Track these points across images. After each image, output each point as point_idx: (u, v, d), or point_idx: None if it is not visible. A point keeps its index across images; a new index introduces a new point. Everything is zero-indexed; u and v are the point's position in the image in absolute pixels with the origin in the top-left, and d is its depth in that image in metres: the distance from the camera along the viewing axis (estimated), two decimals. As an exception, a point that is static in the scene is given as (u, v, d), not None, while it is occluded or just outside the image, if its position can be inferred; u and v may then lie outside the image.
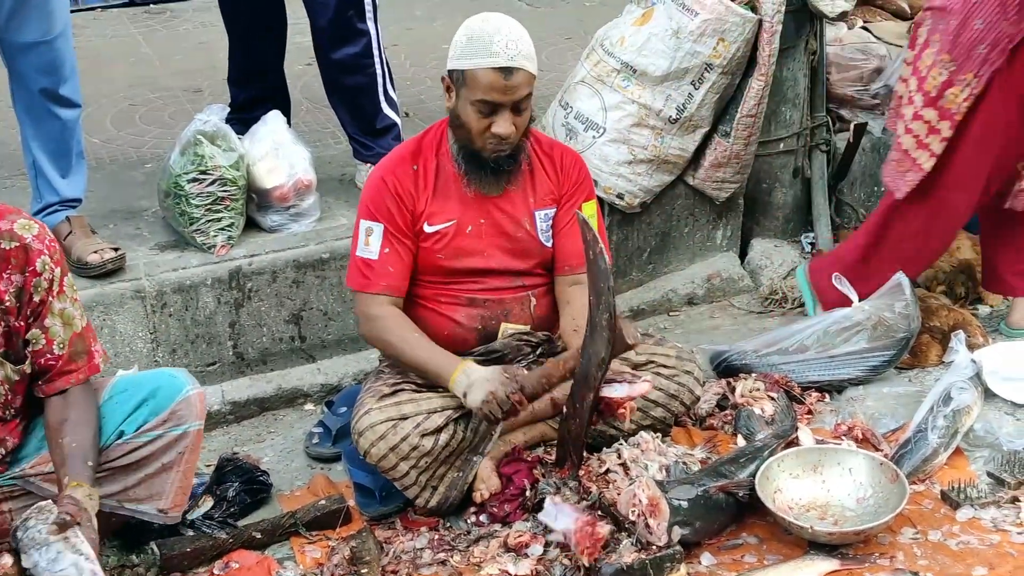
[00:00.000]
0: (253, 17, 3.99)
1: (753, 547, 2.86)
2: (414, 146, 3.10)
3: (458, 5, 6.57)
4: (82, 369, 2.64)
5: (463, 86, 2.91)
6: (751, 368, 3.56)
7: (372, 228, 3.03)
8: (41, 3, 3.35)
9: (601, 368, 2.81)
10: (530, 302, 3.16)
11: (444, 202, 3.06)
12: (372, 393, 3.02)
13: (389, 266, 3.03)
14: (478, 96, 2.89)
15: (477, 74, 2.88)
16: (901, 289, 3.57)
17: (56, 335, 2.58)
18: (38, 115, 3.49)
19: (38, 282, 2.52)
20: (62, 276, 2.58)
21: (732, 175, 4.13)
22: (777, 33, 3.90)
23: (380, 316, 3.03)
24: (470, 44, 2.90)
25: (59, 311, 2.58)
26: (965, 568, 2.73)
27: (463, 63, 2.90)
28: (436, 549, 2.89)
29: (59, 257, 2.58)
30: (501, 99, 2.89)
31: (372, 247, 3.03)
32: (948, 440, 3.12)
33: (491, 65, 2.87)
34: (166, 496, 2.72)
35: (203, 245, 3.64)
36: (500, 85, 2.87)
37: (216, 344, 3.65)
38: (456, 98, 2.95)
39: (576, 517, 2.74)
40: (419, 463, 2.93)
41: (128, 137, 4.73)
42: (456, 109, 2.96)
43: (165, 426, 2.65)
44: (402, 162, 3.07)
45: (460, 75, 2.91)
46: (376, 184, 3.07)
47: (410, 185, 3.04)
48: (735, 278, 4.31)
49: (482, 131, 2.93)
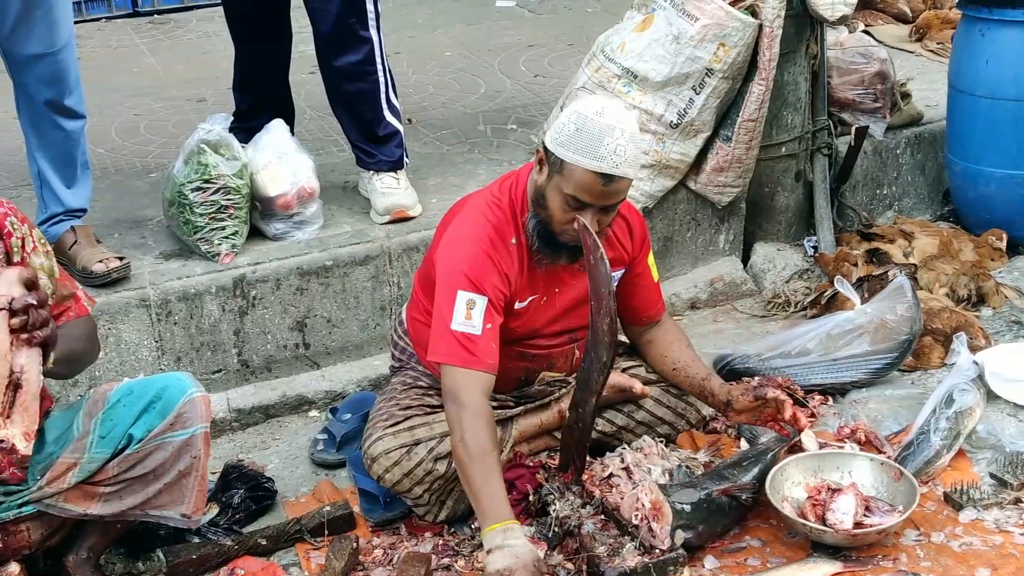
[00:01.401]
0: (258, 26, 4.00)
1: (756, 550, 2.86)
2: (505, 211, 2.93)
3: (459, 14, 6.61)
4: (72, 308, 2.68)
5: (558, 173, 2.78)
6: (754, 372, 3.56)
7: (475, 301, 2.82)
8: (45, 15, 3.36)
9: (603, 373, 2.81)
10: (573, 354, 3.16)
11: (528, 277, 2.97)
12: (383, 416, 3.01)
13: (492, 342, 2.84)
14: (571, 191, 2.76)
15: (576, 172, 2.74)
16: (903, 291, 3.58)
17: (45, 287, 2.58)
18: (43, 126, 3.50)
19: (13, 242, 2.56)
20: (30, 231, 2.63)
21: (734, 179, 4.14)
22: (777, 37, 3.91)
23: (471, 409, 2.76)
24: (577, 136, 2.74)
25: (39, 266, 2.61)
26: (968, 570, 2.73)
27: (565, 153, 2.75)
28: (441, 554, 2.90)
29: (22, 215, 2.64)
30: (594, 202, 2.78)
31: (475, 322, 2.81)
32: (951, 442, 3.13)
33: (593, 168, 2.73)
34: (188, 501, 2.73)
35: (207, 253, 3.66)
36: (597, 190, 2.75)
37: (221, 352, 3.67)
38: (547, 178, 2.82)
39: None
40: (433, 486, 2.95)
41: (132, 147, 4.75)
42: (544, 189, 2.82)
43: (173, 429, 2.65)
44: (501, 230, 2.91)
45: (558, 162, 2.77)
46: (479, 253, 2.87)
47: (513, 263, 2.91)
48: (738, 282, 4.32)
49: (563, 222, 2.82)
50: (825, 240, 4.37)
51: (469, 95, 5.25)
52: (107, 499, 2.66)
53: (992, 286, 4.04)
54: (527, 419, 3.15)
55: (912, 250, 4.25)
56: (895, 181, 4.73)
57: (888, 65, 4.54)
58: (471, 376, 2.80)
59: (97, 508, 2.67)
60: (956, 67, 4.41)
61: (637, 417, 3.22)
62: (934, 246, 4.25)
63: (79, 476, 2.63)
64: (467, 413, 2.75)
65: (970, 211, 4.54)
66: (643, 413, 3.23)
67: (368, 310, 3.80)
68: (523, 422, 3.14)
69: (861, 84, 4.50)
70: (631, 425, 3.22)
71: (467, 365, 2.81)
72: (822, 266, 4.28)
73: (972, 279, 4.03)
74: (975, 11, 4.26)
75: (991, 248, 4.30)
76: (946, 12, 5.82)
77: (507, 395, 3.12)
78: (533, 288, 3.01)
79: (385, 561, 2.90)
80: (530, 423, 3.16)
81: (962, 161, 4.44)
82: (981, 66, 4.26)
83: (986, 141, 4.32)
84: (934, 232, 4.39)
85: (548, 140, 2.82)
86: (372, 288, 3.78)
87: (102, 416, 2.65)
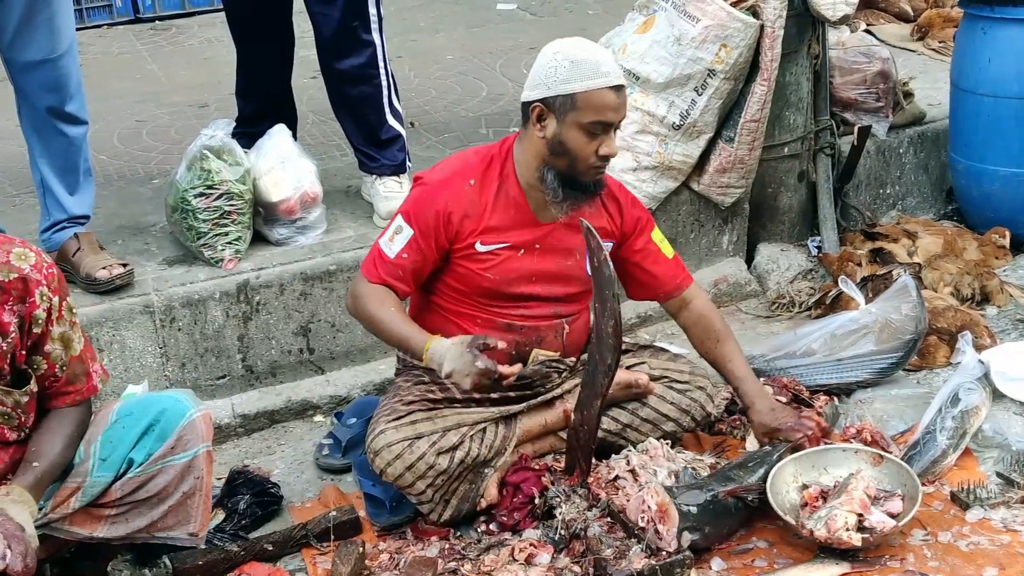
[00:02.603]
0: (259, 29, 4.00)
1: (763, 551, 2.86)
2: (476, 160, 3.05)
3: (461, 17, 6.62)
4: (79, 391, 2.61)
5: (571, 110, 2.85)
6: (759, 372, 3.55)
7: (402, 228, 3.00)
8: (47, 21, 3.37)
9: (607, 375, 2.82)
10: (563, 330, 3.15)
11: (500, 223, 3.02)
12: (387, 412, 3.02)
13: (400, 269, 3.00)
14: (591, 118, 2.85)
15: (592, 96, 2.84)
16: (907, 291, 3.58)
17: (57, 359, 2.55)
18: (45, 133, 3.50)
19: (37, 314, 2.48)
20: (60, 303, 2.54)
21: (737, 180, 4.13)
22: (779, 38, 3.91)
23: (364, 294, 3.01)
24: (576, 67, 2.85)
25: (58, 335, 2.54)
26: (976, 569, 2.72)
27: (572, 86, 2.84)
28: (447, 558, 2.90)
29: (57, 285, 2.53)
30: (615, 118, 2.88)
31: (394, 246, 2.99)
32: (957, 441, 3.12)
33: (606, 84, 2.85)
34: (194, 520, 2.72)
35: (211, 259, 3.66)
36: (615, 103, 2.87)
37: (225, 357, 3.67)
38: (558, 124, 2.88)
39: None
40: (435, 481, 2.94)
41: (135, 153, 4.75)
42: (559, 136, 2.89)
43: (174, 452, 2.63)
44: (460, 176, 3.02)
45: (568, 100, 2.85)
46: (428, 193, 3.01)
47: (464, 202, 2.99)
48: (742, 283, 4.32)
49: (590, 155, 2.90)
50: (829, 240, 4.36)
51: (471, 98, 5.25)
52: (113, 521, 2.66)
53: (996, 285, 4.04)
54: (531, 418, 3.15)
55: (916, 249, 4.24)
56: (898, 180, 4.73)
57: (890, 64, 4.54)
58: (367, 285, 3.01)
59: (103, 531, 2.66)
60: (958, 66, 4.41)
61: (641, 414, 3.22)
62: (938, 245, 4.25)
63: (82, 500, 2.61)
64: (364, 299, 3.01)
65: (974, 210, 4.54)
66: (647, 410, 3.22)
67: (372, 314, 3.80)
68: (527, 421, 3.14)
69: (863, 83, 4.49)
70: (636, 423, 3.22)
71: (366, 274, 3.03)
72: (826, 266, 4.28)
73: (976, 278, 4.03)
74: (977, 9, 4.26)
75: (995, 246, 4.29)
76: (948, 11, 5.82)
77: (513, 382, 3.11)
78: (505, 236, 3.03)
79: (391, 566, 2.90)
80: (534, 422, 3.16)
81: (965, 160, 4.44)
82: (983, 64, 4.26)
83: (989, 139, 4.32)
84: (938, 231, 4.39)
85: (540, 92, 2.90)
86: (376, 292, 3.78)
87: (101, 439, 2.63)
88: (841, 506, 2.78)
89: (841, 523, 2.75)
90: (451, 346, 2.85)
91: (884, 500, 2.86)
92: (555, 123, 2.89)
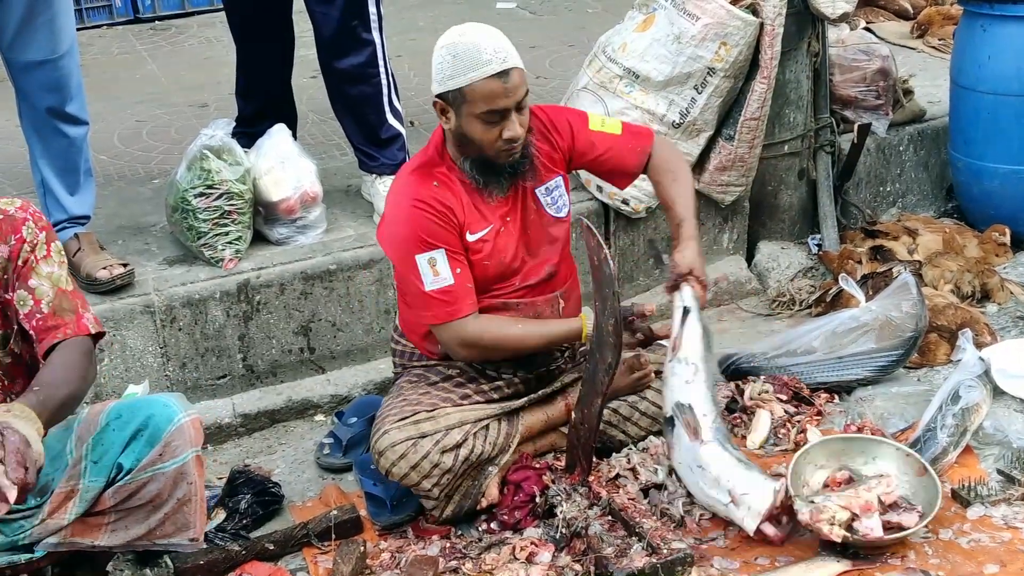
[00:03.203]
0: (260, 28, 4.01)
1: (765, 548, 2.85)
2: (419, 172, 3.02)
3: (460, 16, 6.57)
4: (70, 324, 2.54)
5: (463, 103, 2.86)
6: (760, 371, 3.57)
7: (435, 258, 2.93)
8: (47, 22, 3.37)
9: (608, 374, 2.82)
10: (559, 304, 3.16)
11: (475, 210, 3.02)
12: (391, 412, 3.01)
13: (467, 283, 2.96)
14: (482, 108, 2.85)
15: (476, 88, 2.83)
16: (908, 288, 3.58)
17: (44, 295, 2.52)
18: (45, 133, 3.51)
19: (24, 248, 2.51)
20: (48, 241, 2.56)
21: (737, 178, 4.14)
22: (779, 36, 3.91)
23: (482, 331, 2.99)
24: (458, 61, 2.84)
25: (46, 273, 2.54)
26: (977, 566, 2.72)
27: (457, 81, 2.84)
28: (448, 557, 2.90)
29: (45, 224, 2.57)
30: (506, 104, 2.86)
31: (443, 274, 2.93)
32: (958, 438, 3.12)
33: (488, 74, 2.82)
34: (193, 526, 2.69)
35: (211, 259, 3.66)
36: (501, 90, 2.84)
37: (226, 357, 3.67)
38: (457, 117, 2.90)
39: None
40: (441, 480, 2.94)
41: (135, 153, 4.75)
42: (461, 128, 2.91)
43: (163, 459, 2.60)
44: (420, 183, 2.99)
45: (457, 94, 2.86)
46: (412, 214, 2.95)
47: (444, 199, 2.97)
48: (742, 281, 4.32)
49: (493, 141, 2.90)
50: (829, 238, 4.37)
51: (471, 97, 5.24)
52: (113, 528, 2.65)
53: (997, 282, 4.03)
54: (533, 414, 3.16)
55: (916, 247, 4.24)
56: (898, 178, 4.73)
57: (890, 62, 4.54)
58: (464, 322, 2.97)
59: (105, 539, 2.65)
60: (958, 63, 4.40)
61: (641, 408, 3.22)
62: (938, 243, 4.25)
63: (80, 507, 2.60)
64: (487, 335, 2.99)
65: (974, 207, 4.54)
66: (647, 404, 3.22)
67: (372, 313, 3.80)
68: (529, 417, 3.15)
69: (863, 81, 4.49)
70: (635, 416, 3.22)
71: (452, 318, 2.96)
72: (826, 264, 4.28)
73: (977, 275, 4.02)
74: (976, 7, 4.26)
75: (995, 244, 4.29)
76: (947, 8, 5.81)
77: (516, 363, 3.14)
78: (484, 219, 3.03)
79: (392, 565, 2.90)
80: (536, 418, 3.16)
81: (965, 157, 4.44)
82: (983, 62, 4.26)
83: (989, 137, 4.32)
84: (938, 229, 4.39)
85: (436, 88, 2.91)
86: (376, 291, 3.79)
87: (92, 441, 2.61)
88: (840, 499, 2.78)
89: (828, 515, 2.74)
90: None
91: (901, 511, 2.82)
92: (455, 117, 2.91)
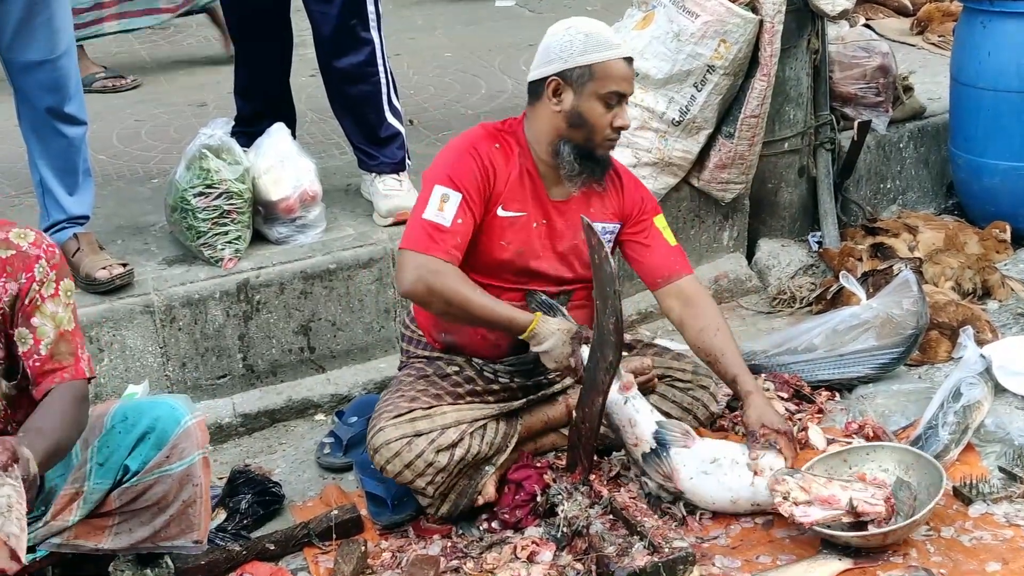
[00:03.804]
0: (258, 27, 4.00)
1: (766, 547, 2.85)
2: (490, 129, 3.07)
3: (457, 15, 6.61)
4: (67, 368, 2.50)
5: (589, 81, 2.93)
6: (761, 368, 3.56)
7: (449, 196, 2.92)
8: (46, 22, 3.36)
9: (609, 372, 2.81)
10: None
11: (518, 192, 3.03)
12: (387, 408, 3.00)
13: (459, 236, 2.93)
14: (610, 88, 2.94)
15: (609, 66, 2.94)
16: (909, 286, 3.57)
17: (44, 335, 2.49)
18: (44, 133, 3.50)
19: (33, 286, 2.47)
20: (58, 279, 2.52)
21: (737, 176, 4.13)
22: (778, 33, 3.91)
23: (444, 271, 2.89)
24: (591, 40, 2.95)
25: (50, 313, 2.50)
26: (978, 564, 2.72)
27: (590, 58, 2.93)
28: (449, 557, 2.89)
29: (57, 262, 2.52)
30: (628, 88, 2.99)
31: (446, 214, 2.91)
32: (959, 436, 3.12)
33: (621, 55, 2.97)
34: (197, 528, 2.69)
35: (210, 259, 3.65)
36: (628, 74, 2.98)
37: (226, 357, 3.67)
38: (576, 96, 2.95)
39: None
40: (435, 479, 2.93)
41: (134, 153, 4.75)
42: (577, 108, 2.96)
43: (169, 461, 2.60)
44: (486, 139, 3.03)
45: (586, 71, 2.93)
46: (461, 153, 2.99)
47: (496, 161, 3.00)
48: (742, 279, 4.31)
49: (606, 126, 2.98)
50: (829, 235, 4.36)
51: (470, 96, 5.24)
52: (117, 531, 2.64)
53: (998, 279, 4.03)
54: (533, 415, 3.16)
55: (917, 244, 4.24)
56: (899, 175, 4.72)
57: (890, 59, 4.54)
58: (438, 262, 2.89)
59: (108, 542, 2.64)
60: (958, 60, 4.40)
61: None
62: (939, 240, 4.25)
63: (84, 508, 2.59)
64: (443, 276, 2.88)
65: (974, 204, 4.53)
66: None
67: (372, 313, 3.80)
68: (528, 418, 3.14)
69: (863, 78, 4.49)
70: None
71: (428, 250, 2.89)
72: (827, 261, 4.27)
73: (977, 272, 4.02)
74: (976, 3, 4.26)
75: (996, 241, 4.29)
76: (947, 5, 5.81)
77: (504, 363, 3.12)
78: (523, 204, 3.04)
79: (393, 564, 2.90)
80: (536, 419, 3.16)
81: (965, 154, 4.44)
82: (983, 58, 4.25)
83: (989, 133, 4.32)
84: (939, 226, 4.39)
85: (556, 66, 2.96)
86: (376, 291, 3.78)
87: (97, 443, 2.61)
88: (805, 481, 2.75)
89: (784, 489, 2.74)
90: (557, 331, 2.94)
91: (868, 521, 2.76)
92: (572, 95, 2.96)
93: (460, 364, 3.13)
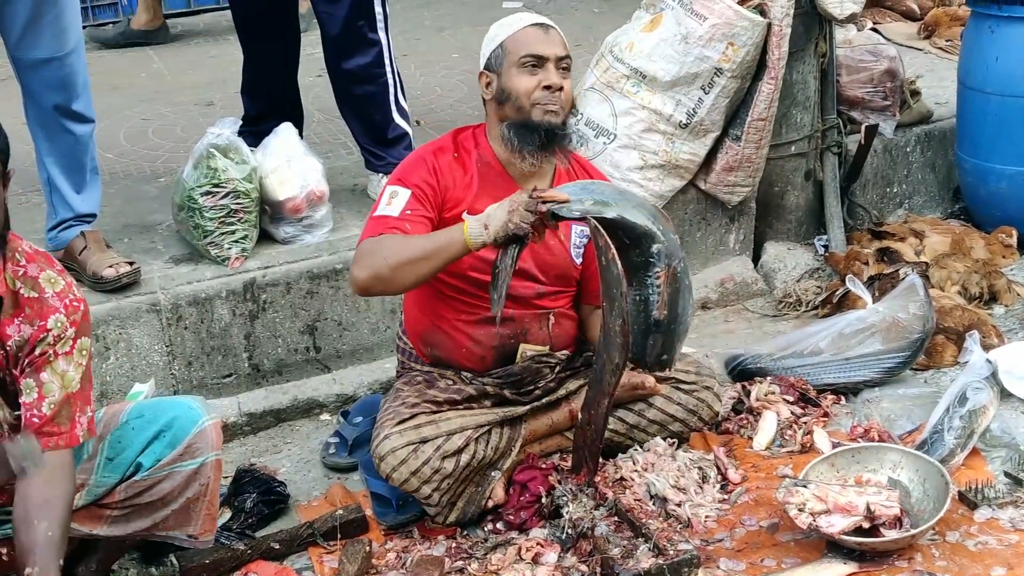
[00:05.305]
0: (266, 26, 4.01)
1: (771, 550, 2.85)
2: (450, 140, 3.11)
3: (465, 16, 6.61)
4: (63, 435, 2.44)
5: (504, 57, 2.99)
6: (766, 371, 3.56)
7: (398, 192, 2.95)
8: (54, 20, 3.36)
9: (615, 374, 2.81)
10: (548, 321, 3.14)
11: (485, 195, 3.00)
12: (390, 415, 3.00)
13: (407, 223, 2.88)
14: (522, 53, 2.97)
15: (516, 36, 3.00)
16: (915, 290, 3.57)
17: (50, 393, 2.44)
18: (52, 131, 3.50)
19: (44, 337, 2.41)
20: (76, 337, 2.46)
21: (744, 179, 4.13)
22: (786, 36, 3.90)
23: (377, 246, 2.82)
24: (499, 25, 3.05)
25: (61, 371, 2.45)
26: (984, 569, 2.72)
27: (499, 38, 3.02)
28: (454, 557, 2.89)
29: (78, 318, 2.46)
30: (545, 51, 2.98)
31: (394, 207, 2.92)
32: (964, 441, 3.11)
33: (525, 24, 3.02)
34: (195, 523, 2.71)
35: (217, 258, 3.66)
36: (541, 37, 2.99)
37: (232, 356, 3.67)
38: (499, 77, 3.01)
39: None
40: (441, 485, 2.93)
41: (141, 151, 4.75)
42: (501, 87, 3.00)
43: (182, 460, 2.62)
44: (442, 150, 3.07)
45: (499, 50, 3.01)
46: (414, 160, 3.06)
47: (452, 169, 3.02)
48: (749, 282, 4.31)
49: (531, 90, 2.97)
50: (836, 239, 4.36)
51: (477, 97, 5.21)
52: (114, 521, 2.65)
53: (1004, 284, 4.03)
54: (537, 419, 3.15)
55: (923, 248, 4.24)
56: (905, 179, 4.72)
57: (897, 63, 4.53)
58: (363, 245, 2.87)
59: (104, 529, 2.65)
60: (965, 64, 4.40)
61: (648, 416, 3.21)
62: (945, 244, 4.24)
63: (86, 498, 2.61)
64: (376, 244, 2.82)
65: (981, 208, 4.53)
66: (654, 411, 3.22)
67: (378, 313, 3.80)
68: (533, 422, 3.14)
69: (870, 82, 4.49)
70: (643, 424, 3.21)
71: (375, 235, 2.87)
72: (833, 265, 4.27)
73: (984, 277, 4.02)
74: (984, 8, 4.25)
75: (1002, 245, 4.29)
76: (955, 9, 5.81)
77: (492, 375, 3.11)
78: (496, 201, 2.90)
79: (398, 564, 2.90)
80: (540, 423, 3.16)
81: (972, 158, 4.43)
82: (991, 63, 4.25)
83: (996, 138, 4.31)
84: (945, 230, 4.38)
85: (483, 61, 3.07)
86: (382, 291, 3.78)
87: (110, 438, 2.62)
88: (820, 490, 2.77)
89: (798, 500, 2.75)
90: (491, 206, 2.80)
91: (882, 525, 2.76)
92: (497, 79, 3.02)
93: (451, 377, 3.12)
